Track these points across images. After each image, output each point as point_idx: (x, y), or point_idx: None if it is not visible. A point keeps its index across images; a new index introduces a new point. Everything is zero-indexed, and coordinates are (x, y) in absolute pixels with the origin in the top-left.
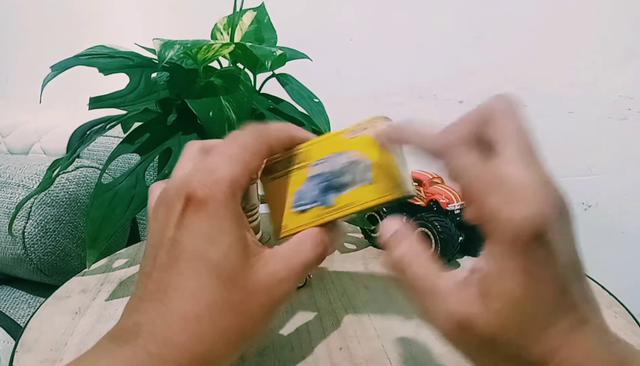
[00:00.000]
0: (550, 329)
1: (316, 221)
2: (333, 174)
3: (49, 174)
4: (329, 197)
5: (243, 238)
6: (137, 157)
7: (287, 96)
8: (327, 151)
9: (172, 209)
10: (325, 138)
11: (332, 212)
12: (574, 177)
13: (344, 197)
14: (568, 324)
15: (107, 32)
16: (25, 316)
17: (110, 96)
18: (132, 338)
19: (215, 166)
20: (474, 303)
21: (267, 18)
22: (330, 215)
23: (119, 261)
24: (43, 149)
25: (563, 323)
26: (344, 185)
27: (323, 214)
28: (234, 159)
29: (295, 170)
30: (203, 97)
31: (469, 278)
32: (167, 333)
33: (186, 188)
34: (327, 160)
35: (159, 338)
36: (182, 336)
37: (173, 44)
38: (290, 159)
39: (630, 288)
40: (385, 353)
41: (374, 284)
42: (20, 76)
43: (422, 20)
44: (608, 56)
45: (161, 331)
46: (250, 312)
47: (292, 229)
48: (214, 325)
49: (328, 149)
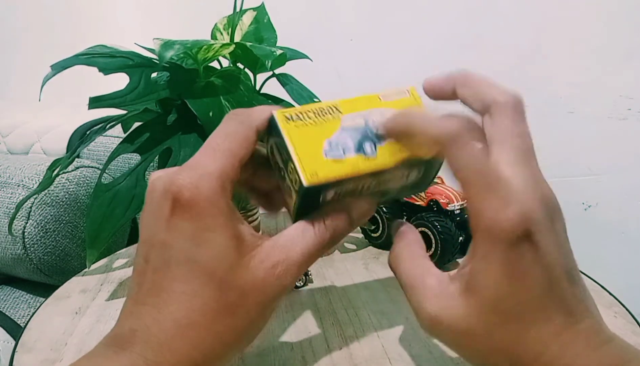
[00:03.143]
0: (537, 328)
1: (358, 171)
2: (369, 127)
3: (49, 174)
4: (367, 147)
5: (236, 234)
6: (137, 157)
7: (287, 96)
8: (362, 107)
9: (160, 211)
10: (358, 98)
11: (375, 162)
12: (574, 177)
13: (385, 148)
14: (558, 324)
15: (107, 32)
16: (25, 316)
17: (110, 95)
18: (128, 345)
19: (200, 161)
20: (451, 298)
21: (267, 18)
22: (375, 165)
23: (119, 261)
24: (43, 149)
25: (552, 323)
26: (383, 138)
27: (365, 164)
28: (219, 151)
29: (324, 121)
30: (203, 97)
31: (455, 275)
32: (163, 340)
33: (172, 188)
34: (362, 115)
35: (154, 344)
36: (177, 342)
37: (173, 44)
38: (319, 110)
39: (630, 288)
40: (385, 353)
41: (374, 284)
42: (20, 76)
43: (422, 20)
44: (608, 56)
45: (156, 338)
46: (247, 311)
47: (328, 178)
48: (209, 329)
49: (363, 106)
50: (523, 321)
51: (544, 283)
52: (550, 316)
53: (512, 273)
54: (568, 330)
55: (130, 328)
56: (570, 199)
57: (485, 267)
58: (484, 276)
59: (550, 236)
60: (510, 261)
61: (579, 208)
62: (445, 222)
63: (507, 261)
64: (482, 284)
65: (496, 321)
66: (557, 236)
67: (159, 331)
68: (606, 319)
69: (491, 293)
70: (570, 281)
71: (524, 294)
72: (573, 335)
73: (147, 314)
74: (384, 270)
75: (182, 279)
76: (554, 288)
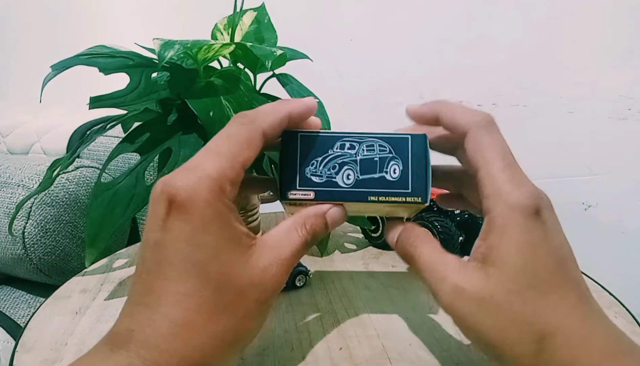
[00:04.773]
0: (554, 300)
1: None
2: None
3: (49, 174)
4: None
5: (232, 236)
6: (137, 157)
7: (287, 96)
8: None
9: (156, 211)
10: None
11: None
12: (574, 177)
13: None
14: (574, 297)
15: (107, 32)
16: (25, 316)
17: (111, 95)
18: (125, 344)
19: (199, 162)
20: (472, 270)
21: (267, 18)
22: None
23: (119, 261)
24: (43, 149)
25: (570, 296)
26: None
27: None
28: (220, 153)
29: None
30: (203, 97)
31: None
32: (158, 340)
33: (168, 189)
34: None
35: (150, 344)
36: (173, 343)
37: (173, 44)
38: None
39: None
40: (385, 353)
41: (374, 284)
42: (20, 76)
43: (422, 20)
44: (608, 56)
45: (151, 338)
46: (245, 310)
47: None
48: (205, 329)
49: None
50: (541, 291)
51: (556, 258)
52: (565, 292)
53: (529, 241)
54: (583, 306)
55: (127, 328)
56: (570, 199)
57: (505, 238)
58: (504, 246)
59: (552, 220)
60: (528, 230)
61: (579, 208)
62: (445, 222)
63: (525, 230)
64: (502, 253)
65: (517, 290)
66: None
67: (153, 331)
68: None
69: (512, 260)
70: (574, 263)
71: (540, 265)
72: (588, 311)
73: (142, 314)
74: (384, 270)
75: (176, 280)
76: (564, 265)
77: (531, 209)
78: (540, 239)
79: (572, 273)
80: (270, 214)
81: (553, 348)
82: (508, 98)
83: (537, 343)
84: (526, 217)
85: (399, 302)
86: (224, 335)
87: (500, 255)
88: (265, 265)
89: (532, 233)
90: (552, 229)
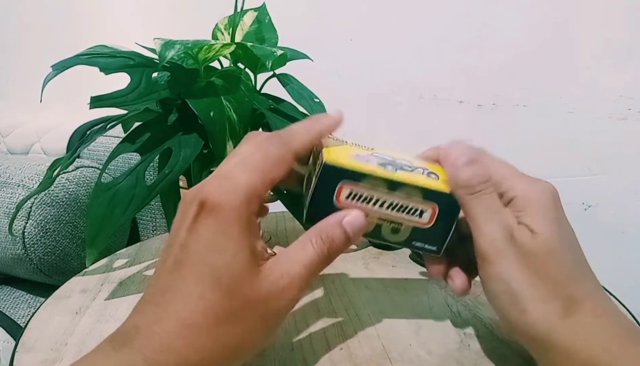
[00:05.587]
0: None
1: (374, 172)
2: (396, 161)
3: (49, 174)
4: (389, 167)
5: (251, 246)
6: (137, 157)
7: (287, 96)
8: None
9: (186, 213)
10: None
11: (393, 175)
12: (574, 177)
13: (402, 173)
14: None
15: (108, 32)
16: (25, 316)
17: (111, 95)
18: (129, 341)
19: (234, 172)
20: (525, 230)
21: (268, 18)
22: (392, 175)
23: (119, 261)
24: (43, 149)
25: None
26: (404, 168)
27: (383, 172)
28: (254, 167)
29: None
30: (204, 97)
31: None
32: (163, 338)
33: (201, 192)
34: (392, 155)
35: (155, 342)
36: (177, 342)
37: (174, 43)
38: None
39: (630, 288)
40: (386, 353)
41: (374, 284)
42: (20, 76)
43: (422, 20)
44: (608, 56)
45: (157, 336)
46: (250, 322)
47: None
48: (210, 332)
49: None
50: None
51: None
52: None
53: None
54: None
55: (134, 325)
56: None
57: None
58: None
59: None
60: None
61: (579, 208)
62: None
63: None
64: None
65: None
66: None
67: (160, 329)
68: None
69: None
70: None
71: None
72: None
73: (152, 312)
74: (384, 270)
75: (191, 280)
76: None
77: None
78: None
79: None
80: (270, 214)
81: (580, 313)
82: (508, 98)
83: (566, 305)
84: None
85: (399, 302)
86: (227, 342)
87: (539, 224)
88: (274, 279)
89: (559, 211)
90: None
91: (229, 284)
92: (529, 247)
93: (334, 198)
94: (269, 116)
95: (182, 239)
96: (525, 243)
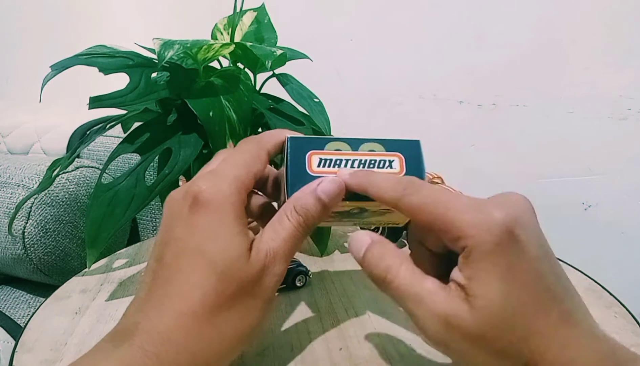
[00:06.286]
0: (538, 321)
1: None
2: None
3: (49, 174)
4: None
5: (243, 231)
6: (137, 157)
7: (287, 96)
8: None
9: (180, 209)
10: None
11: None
12: (574, 177)
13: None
14: (555, 316)
15: (107, 32)
16: (25, 316)
17: (110, 95)
18: (129, 337)
19: (219, 169)
20: (460, 303)
21: (267, 18)
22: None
23: (119, 261)
24: (43, 149)
25: (550, 316)
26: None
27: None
28: (236, 163)
29: None
30: (203, 97)
31: (451, 284)
32: (163, 331)
33: (192, 189)
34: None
35: (155, 336)
36: (177, 334)
37: (173, 43)
38: None
39: (630, 288)
40: (386, 353)
41: (374, 284)
42: (20, 76)
43: (422, 20)
44: (608, 56)
45: (157, 329)
46: (245, 305)
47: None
48: (208, 321)
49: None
50: (525, 315)
51: (534, 274)
52: (549, 307)
53: (507, 265)
54: (567, 322)
55: (133, 321)
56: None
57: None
58: (483, 277)
59: (528, 229)
60: (503, 253)
61: (579, 208)
62: None
63: (500, 255)
64: (482, 284)
65: (503, 323)
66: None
67: (159, 321)
68: (606, 319)
69: (493, 290)
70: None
71: (520, 287)
72: (573, 328)
73: (151, 307)
74: None
75: (188, 270)
76: (544, 279)
77: (502, 232)
78: (515, 261)
79: (551, 287)
80: None
81: None
82: (508, 98)
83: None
84: (498, 242)
85: None
86: (226, 329)
87: (480, 286)
88: (260, 258)
89: (507, 256)
90: (526, 244)
91: (224, 270)
92: (471, 328)
93: (307, 170)
94: (269, 115)
95: (179, 233)
96: (466, 325)
